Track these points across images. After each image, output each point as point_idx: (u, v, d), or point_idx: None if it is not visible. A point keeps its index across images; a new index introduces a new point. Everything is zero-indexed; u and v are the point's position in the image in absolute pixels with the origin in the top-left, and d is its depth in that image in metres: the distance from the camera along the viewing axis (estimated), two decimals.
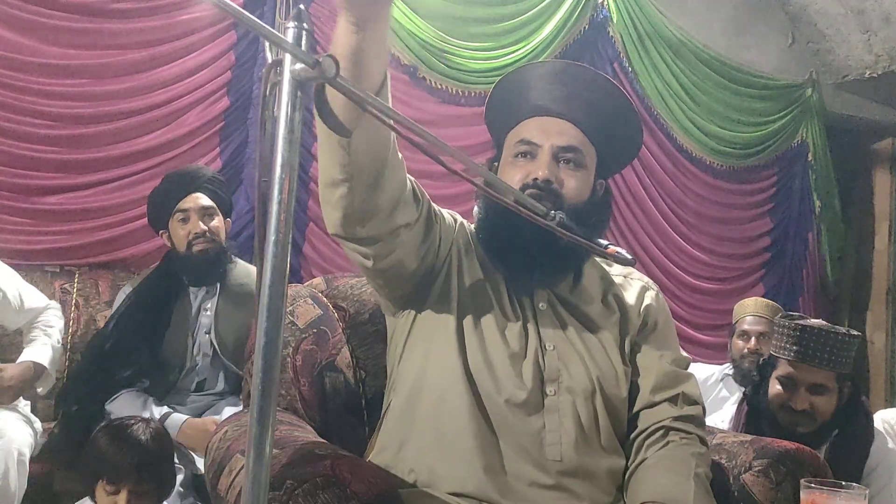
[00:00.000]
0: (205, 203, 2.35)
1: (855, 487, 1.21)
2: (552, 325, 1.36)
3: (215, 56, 2.94)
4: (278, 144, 0.80)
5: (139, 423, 1.74)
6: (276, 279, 0.79)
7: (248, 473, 0.78)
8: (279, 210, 0.79)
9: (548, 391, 1.29)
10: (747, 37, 4.25)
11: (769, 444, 1.56)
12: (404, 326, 1.39)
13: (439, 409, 1.28)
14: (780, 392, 2.03)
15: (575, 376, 1.32)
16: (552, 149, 1.36)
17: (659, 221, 3.95)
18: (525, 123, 1.41)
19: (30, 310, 2.28)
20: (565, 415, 1.28)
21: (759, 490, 1.47)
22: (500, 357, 1.30)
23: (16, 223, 2.64)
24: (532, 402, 1.27)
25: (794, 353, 1.99)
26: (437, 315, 1.35)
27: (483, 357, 1.30)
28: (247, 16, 0.75)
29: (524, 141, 1.38)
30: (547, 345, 1.33)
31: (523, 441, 1.25)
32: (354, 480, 1.04)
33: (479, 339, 1.32)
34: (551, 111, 1.40)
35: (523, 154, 1.38)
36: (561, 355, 1.33)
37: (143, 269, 2.68)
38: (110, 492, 1.63)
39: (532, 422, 1.26)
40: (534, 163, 1.36)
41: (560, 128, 1.38)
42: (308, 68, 0.77)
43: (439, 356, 1.32)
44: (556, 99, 1.40)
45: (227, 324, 2.33)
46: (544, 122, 1.39)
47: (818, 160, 4.29)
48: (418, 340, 1.36)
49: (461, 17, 3.41)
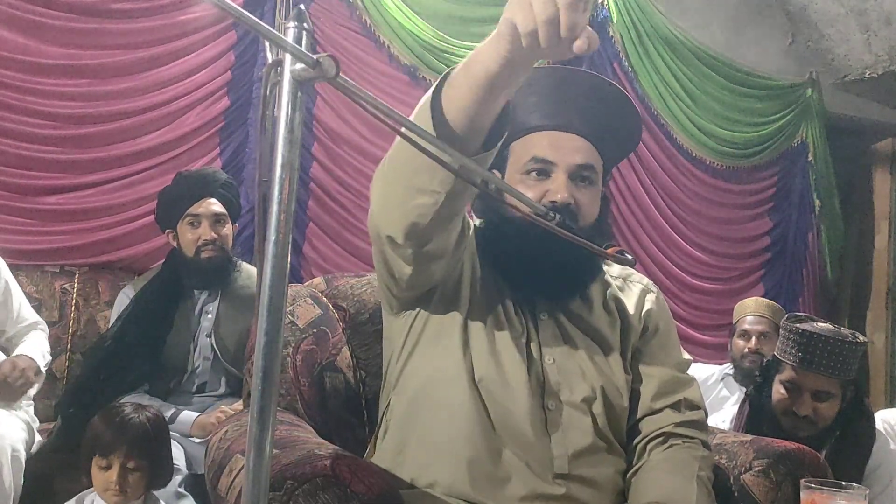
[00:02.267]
0: (217, 210, 2.35)
1: (855, 488, 1.21)
2: (553, 337, 1.34)
3: (215, 56, 2.94)
4: (278, 144, 0.80)
5: (132, 406, 1.79)
6: (276, 279, 0.79)
7: (248, 473, 0.78)
8: (279, 210, 0.79)
9: (549, 405, 1.28)
10: (747, 37, 4.25)
11: (769, 444, 1.56)
12: (403, 326, 1.37)
13: (443, 419, 1.27)
14: (783, 397, 2.02)
15: (575, 389, 1.30)
16: (568, 168, 1.31)
17: (659, 221, 3.94)
18: (534, 137, 1.35)
19: (21, 319, 2.24)
20: (568, 428, 1.27)
21: (759, 490, 1.47)
22: (505, 369, 1.29)
23: (16, 223, 2.64)
24: (535, 416, 1.26)
25: (798, 360, 1.97)
26: (444, 320, 1.33)
27: (489, 368, 1.28)
28: (247, 16, 0.75)
29: (538, 159, 1.32)
30: (547, 358, 1.32)
31: (529, 454, 1.24)
32: (355, 480, 1.04)
33: (486, 348, 1.30)
34: (561, 126, 1.34)
35: (537, 172, 1.32)
36: (561, 368, 1.31)
37: (144, 269, 2.68)
38: (102, 466, 1.68)
39: (537, 435, 1.25)
40: (549, 182, 1.31)
41: (574, 144, 1.33)
42: (308, 68, 0.77)
43: (445, 364, 1.30)
44: (566, 112, 1.34)
45: (228, 327, 2.33)
46: (557, 137, 1.33)
47: (818, 160, 4.29)
48: (424, 344, 1.34)
49: (461, 17, 3.41)
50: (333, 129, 3.15)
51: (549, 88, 1.36)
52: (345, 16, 3.20)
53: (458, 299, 1.33)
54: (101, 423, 1.73)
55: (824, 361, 1.94)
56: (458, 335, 1.31)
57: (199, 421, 2.15)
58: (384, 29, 3.22)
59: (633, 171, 3.87)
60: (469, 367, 1.29)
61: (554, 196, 1.30)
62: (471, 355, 1.30)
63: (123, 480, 1.68)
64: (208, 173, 2.45)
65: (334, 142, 3.16)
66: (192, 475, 2.05)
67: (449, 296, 1.34)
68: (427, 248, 1.18)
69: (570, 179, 1.31)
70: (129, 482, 1.69)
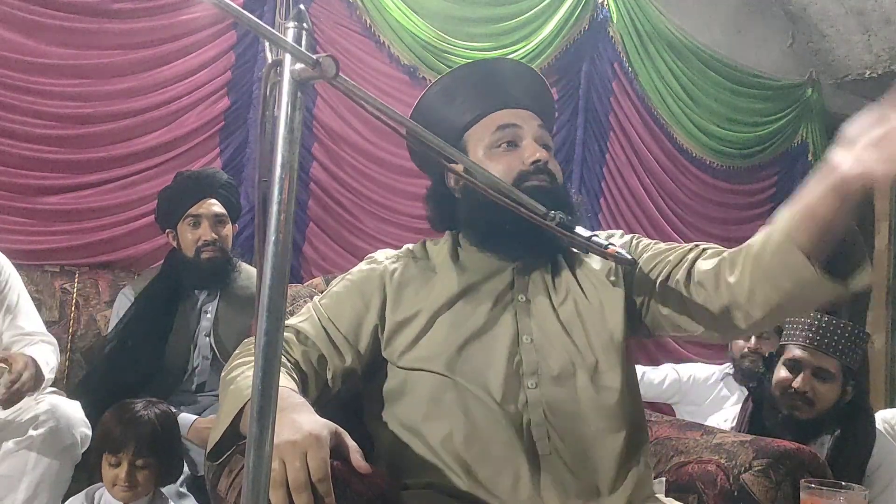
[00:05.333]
0: (218, 210, 2.36)
1: (855, 488, 1.21)
2: (530, 317, 1.32)
3: (215, 56, 2.94)
4: (278, 144, 0.80)
5: (143, 402, 1.81)
6: (276, 279, 0.79)
7: (248, 473, 0.78)
8: (279, 210, 0.79)
9: (528, 384, 1.26)
10: (747, 37, 4.25)
11: (769, 443, 1.56)
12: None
13: (426, 413, 1.27)
14: (784, 376, 2.09)
15: (556, 366, 1.28)
16: (534, 132, 1.36)
17: (659, 221, 3.94)
18: (488, 118, 1.39)
19: (18, 328, 2.16)
20: (549, 407, 1.25)
21: (759, 490, 1.47)
22: (480, 354, 1.28)
23: (16, 223, 2.63)
24: (512, 397, 1.25)
25: (807, 339, 2.07)
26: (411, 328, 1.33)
27: (464, 356, 1.28)
28: (247, 16, 0.75)
29: (504, 125, 1.37)
30: (524, 338, 1.30)
31: (512, 437, 1.23)
32: (355, 480, 1.04)
33: (459, 338, 1.29)
34: (508, 104, 1.39)
35: (507, 143, 1.36)
36: (539, 347, 1.29)
37: (143, 269, 2.68)
38: (112, 464, 1.71)
39: (517, 417, 1.24)
40: (520, 149, 1.35)
41: (528, 114, 1.39)
42: (308, 68, 0.77)
43: (420, 361, 1.30)
44: (508, 92, 1.40)
45: (228, 327, 2.33)
46: (511, 112, 1.39)
47: (818, 160, 4.29)
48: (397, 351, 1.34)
49: (461, 17, 3.41)
50: (333, 129, 3.15)
51: (478, 80, 1.41)
52: (345, 16, 3.20)
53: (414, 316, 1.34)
54: (112, 420, 1.75)
55: (826, 340, 2.06)
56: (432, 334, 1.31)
57: (195, 427, 2.13)
58: (384, 29, 3.22)
59: (633, 171, 3.87)
60: (447, 360, 1.28)
61: (532, 157, 1.33)
62: (447, 348, 1.29)
63: (132, 477, 1.70)
64: (209, 173, 2.45)
65: (334, 142, 3.16)
66: (192, 476, 2.05)
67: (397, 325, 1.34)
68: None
69: (536, 142, 1.36)
70: (137, 479, 1.71)
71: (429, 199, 1.46)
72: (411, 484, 1.25)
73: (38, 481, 1.90)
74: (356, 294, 1.37)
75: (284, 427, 0.98)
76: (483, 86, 1.40)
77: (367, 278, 1.39)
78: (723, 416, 2.51)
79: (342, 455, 1.06)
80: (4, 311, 2.17)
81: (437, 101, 1.42)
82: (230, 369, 1.26)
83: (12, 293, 2.19)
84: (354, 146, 3.20)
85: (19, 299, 2.20)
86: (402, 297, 1.35)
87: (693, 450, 1.70)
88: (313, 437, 1.00)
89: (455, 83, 1.42)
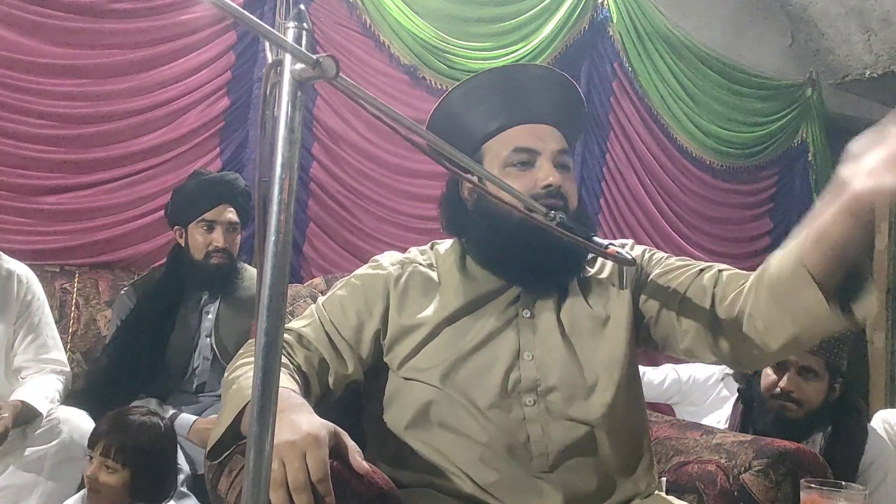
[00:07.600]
0: (233, 219, 2.37)
1: (855, 488, 1.21)
2: (533, 333, 1.31)
3: (215, 56, 2.94)
4: (278, 144, 0.80)
5: (144, 410, 1.83)
6: (276, 279, 0.79)
7: (248, 473, 0.78)
8: (279, 210, 0.79)
9: (526, 401, 1.26)
10: (747, 37, 4.25)
11: (769, 443, 1.56)
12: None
13: (410, 421, 1.28)
14: (770, 377, 2.10)
15: (556, 383, 1.27)
16: (551, 154, 1.33)
17: (659, 221, 3.94)
18: (507, 133, 1.35)
19: (33, 352, 2.19)
20: (548, 424, 1.24)
21: (758, 490, 1.47)
22: (476, 368, 1.28)
23: (16, 223, 2.64)
24: (511, 414, 1.24)
25: None
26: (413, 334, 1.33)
27: (459, 369, 1.27)
28: (247, 16, 0.75)
29: (520, 148, 1.33)
30: (525, 354, 1.29)
31: (511, 452, 1.23)
32: (355, 480, 1.04)
33: (458, 351, 1.29)
34: (531, 118, 1.36)
35: (522, 163, 1.33)
36: (540, 364, 1.28)
37: (143, 269, 2.68)
38: (90, 458, 1.74)
39: (513, 433, 1.24)
40: (535, 170, 1.32)
41: (548, 131, 1.35)
42: (308, 68, 0.77)
43: (417, 372, 1.30)
44: (529, 104, 1.36)
45: (228, 328, 2.33)
46: (531, 128, 1.35)
47: (818, 160, 4.29)
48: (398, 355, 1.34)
49: (461, 17, 3.41)
50: (333, 129, 3.15)
51: (503, 87, 1.37)
52: (345, 16, 3.20)
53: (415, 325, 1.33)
54: (104, 418, 1.78)
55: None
56: (432, 343, 1.31)
57: (196, 427, 2.14)
58: (384, 29, 3.23)
59: (633, 171, 3.87)
60: (445, 372, 1.28)
61: (546, 180, 1.30)
62: (444, 360, 1.29)
63: (95, 477, 1.69)
64: (229, 179, 2.43)
65: (334, 142, 3.16)
66: (192, 475, 2.05)
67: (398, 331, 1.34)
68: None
69: (553, 165, 1.33)
70: (99, 480, 1.69)
71: (442, 205, 1.44)
72: (406, 483, 1.25)
73: (49, 492, 1.94)
74: (360, 299, 1.37)
75: (284, 427, 0.98)
76: (507, 95, 1.36)
77: (371, 284, 1.38)
78: (716, 417, 2.52)
79: (341, 455, 1.05)
80: (26, 329, 2.19)
81: (459, 105, 1.38)
82: (233, 369, 1.26)
83: (36, 314, 2.21)
84: (354, 146, 3.20)
85: (40, 322, 2.21)
86: (405, 305, 1.35)
87: (693, 450, 1.70)
88: (312, 437, 1.00)
89: (480, 89, 1.37)
